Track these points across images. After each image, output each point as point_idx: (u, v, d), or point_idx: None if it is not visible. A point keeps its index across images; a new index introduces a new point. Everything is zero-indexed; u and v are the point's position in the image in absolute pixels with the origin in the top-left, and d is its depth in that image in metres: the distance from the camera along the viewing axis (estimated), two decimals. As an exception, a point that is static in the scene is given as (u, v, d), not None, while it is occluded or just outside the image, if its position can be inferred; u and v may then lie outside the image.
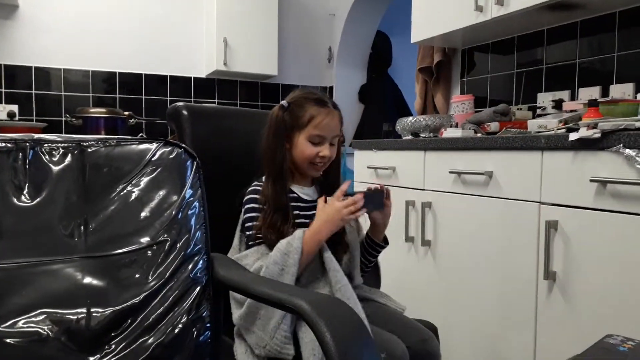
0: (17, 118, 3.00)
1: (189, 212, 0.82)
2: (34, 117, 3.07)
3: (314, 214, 1.26)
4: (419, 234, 1.97)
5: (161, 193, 0.82)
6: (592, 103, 1.62)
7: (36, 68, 3.09)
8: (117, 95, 3.30)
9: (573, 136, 1.35)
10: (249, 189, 1.26)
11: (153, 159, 0.83)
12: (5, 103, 3.03)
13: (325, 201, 1.21)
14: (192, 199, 0.84)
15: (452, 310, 1.84)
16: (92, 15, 3.21)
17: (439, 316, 1.82)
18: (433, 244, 1.93)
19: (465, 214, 1.78)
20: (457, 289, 1.82)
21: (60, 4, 3.13)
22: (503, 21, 2.08)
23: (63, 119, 3.11)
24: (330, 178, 1.33)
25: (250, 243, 1.20)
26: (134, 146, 0.83)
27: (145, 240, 0.78)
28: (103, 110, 2.85)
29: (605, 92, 1.99)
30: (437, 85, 2.77)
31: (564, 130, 1.44)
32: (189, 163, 0.85)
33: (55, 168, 0.77)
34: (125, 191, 0.80)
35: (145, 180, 0.82)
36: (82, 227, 0.76)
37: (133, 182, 0.81)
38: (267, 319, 1.05)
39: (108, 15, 3.26)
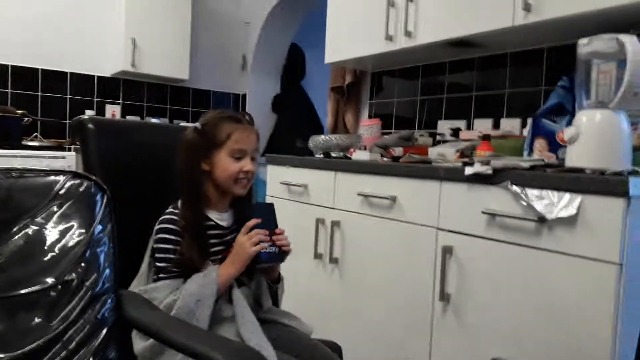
0: None
1: (98, 249, 0.79)
2: None
3: (229, 241, 1.26)
4: (327, 251, 2.03)
5: (68, 229, 0.78)
6: (485, 137, 1.78)
7: None
8: (9, 91, 3.02)
9: (468, 170, 1.48)
10: (163, 217, 1.23)
11: (60, 192, 0.79)
12: None
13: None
14: (101, 234, 0.81)
15: (355, 328, 1.92)
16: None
17: (343, 333, 1.89)
18: (340, 261, 2.00)
19: (371, 234, 1.87)
20: (361, 306, 1.90)
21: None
22: (410, 51, 2.21)
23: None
24: (243, 200, 1.34)
25: (162, 275, 1.18)
26: (39, 178, 0.79)
27: (49, 280, 0.74)
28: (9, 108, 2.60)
29: (496, 124, 2.19)
30: (348, 104, 2.88)
31: (460, 164, 1.57)
32: (99, 197, 0.82)
33: (-53, 202, 0.71)
34: (28, 227, 0.75)
35: (50, 215, 0.77)
36: (-23, 267, 0.70)
37: (37, 218, 0.76)
38: (174, 353, 1.04)
39: (3, 2, 2.98)
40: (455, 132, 2.31)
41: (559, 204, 1.29)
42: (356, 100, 2.88)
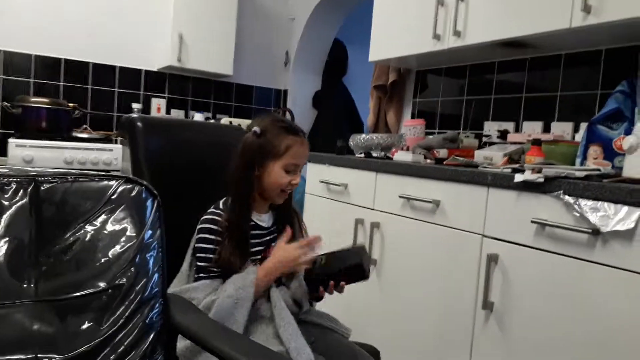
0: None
1: (147, 254, 0.81)
2: (-34, 101, 2.87)
3: (269, 241, 1.27)
4: (366, 254, 2.01)
5: (120, 234, 0.80)
6: (536, 142, 1.71)
7: (-29, 48, 2.88)
8: (61, 83, 3.13)
9: (518, 178, 1.43)
10: (206, 217, 1.24)
11: (113, 197, 0.80)
12: None
13: (292, 239, 1.23)
14: (151, 240, 0.82)
15: (394, 332, 1.90)
16: (38, -4, 3.03)
17: (382, 338, 1.87)
18: (379, 263, 1.98)
19: (412, 238, 1.83)
20: (400, 311, 1.88)
21: (3, -19, 2.93)
22: (458, 51, 2.16)
23: (0, 104, 2.92)
24: (284, 202, 1.34)
25: (202, 275, 1.19)
26: (93, 183, 0.81)
27: (101, 284, 0.76)
28: (45, 100, 2.70)
29: (547, 128, 2.11)
30: (390, 103, 2.83)
31: (509, 170, 1.52)
32: (149, 202, 0.83)
33: (7, 205, 0.73)
34: (81, 231, 0.77)
35: (103, 220, 0.79)
36: (34, 270, 0.72)
37: (90, 222, 0.78)
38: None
39: (56, -2, 3.08)
40: (503, 134, 2.24)
41: (615, 216, 1.23)
42: (399, 99, 2.83)
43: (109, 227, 0.80)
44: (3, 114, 2.92)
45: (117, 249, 0.79)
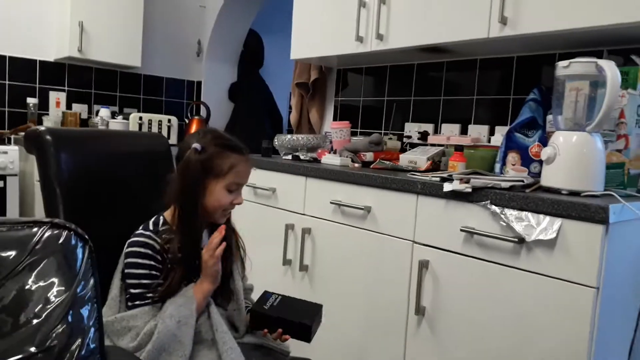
0: None
1: (81, 309, 0.71)
2: None
3: None
4: (297, 258, 1.99)
5: (48, 289, 0.69)
6: (458, 148, 1.78)
7: None
8: (-62, 75, 2.74)
9: (447, 187, 1.47)
10: (135, 239, 1.16)
11: (37, 247, 0.70)
12: None
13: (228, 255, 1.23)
14: (84, 291, 0.73)
15: (327, 340, 1.90)
16: None
17: (315, 347, 1.86)
18: (311, 269, 1.97)
19: (345, 244, 1.84)
20: (333, 317, 1.88)
21: None
22: (380, 53, 2.17)
23: None
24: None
25: (137, 302, 1.11)
26: (12, 232, 0.70)
27: (30, 348, 0.65)
28: None
29: (464, 130, 2.20)
30: (313, 101, 2.81)
31: (438, 179, 1.56)
32: (79, 249, 0.74)
33: None
34: (3, 290, 0.66)
35: (27, 274, 0.68)
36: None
37: (11, 279, 0.67)
38: None
39: None
40: (423, 136, 2.31)
41: (538, 226, 1.31)
42: (321, 97, 2.82)
43: (35, 282, 0.69)
44: None
45: (47, 306, 0.69)
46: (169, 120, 3.35)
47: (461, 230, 1.46)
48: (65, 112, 3.16)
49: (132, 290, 1.13)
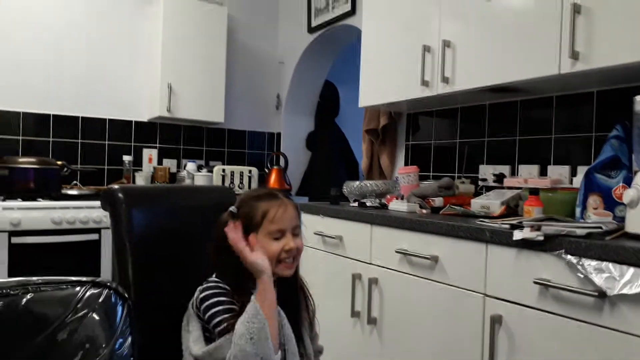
0: None
1: (119, 365, 0.74)
2: (-47, 162, 2.82)
3: None
4: (365, 311, 1.93)
5: (88, 345, 0.73)
6: (534, 192, 1.66)
7: (-41, 109, 2.85)
8: (51, 139, 3.10)
9: (517, 235, 1.37)
10: (208, 285, 1.16)
11: (79, 305, 0.74)
12: None
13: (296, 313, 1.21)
14: (121, 349, 0.76)
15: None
16: (24, 51, 3.02)
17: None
18: (379, 322, 1.90)
19: (413, 296, 1.76)
20: (402, 371, 1.79)
21: (-10, 41, 2.93)
22: (447, 96, 2.13)
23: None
24: (288, 279, 1.23)
25: (227, 336, 1.08)
26: (56, 292, 0.74)
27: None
28: (33, 159, 2.65)
29: (543, 171, 2.06)
30: (383, 146, 2.80)
31: (507, 226, 1.46)
32: (119, 306, 0.77)
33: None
34: (47, 345, 0.71)
35: (69, 331, 0.73)
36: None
37: (56, 335, 0.72)
38: None
39: (44, 53, 3.08)
40: (499, 178, 2.20)
41: (621, 278, 1.16)
42: (391, 142, 2.80)
43: (76, 338, 0.73)
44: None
45: (86, 362, 0.72)
46: (250, 171, 3.49)
47: (535, 282, 1.33)
48: (156, 167, 3.42)
49: (220, 328, 1.09)
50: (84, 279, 0.78)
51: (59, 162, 2.78)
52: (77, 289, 0.76)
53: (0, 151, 2.87)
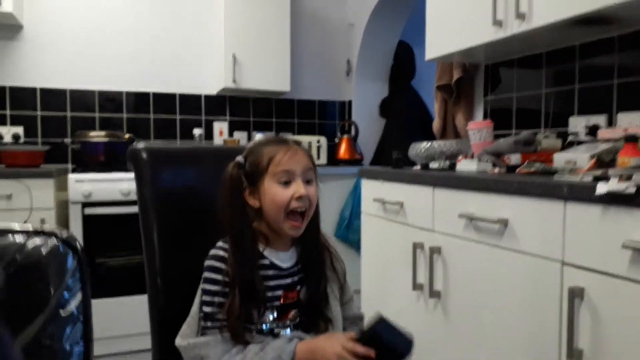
0: (22, 140, 2.93)
1: (67, 327, 0.63)
2: (39, 139, 2.99)
3: (290, 284, 1.06)
4: (427, 283, 1.72)
5: (27, 303, 0.63)
6: (630, 138, 1.34)
7: (42, 89, 3.01)
8: (124, 115, 3.19)
9: (601, 188, 1.09)
10: (212, 253, 1.07)
11: (18, 256, 0.64)
12: (11, 125, 2.96)
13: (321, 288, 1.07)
14: (67, 307, 0.65)
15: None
16: (97, 33, 3.12)
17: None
18: (443, 296, 1.68)
19: (479, 266, 1.52)
20: (469, 353, 1.57)
21: (65, 23, 3.04)
22: (527, 37, 1.81)
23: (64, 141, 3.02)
24: (308, 236, 1.10)
25: (208, 324, 1.01)
26: (-5, 240, 0.65)
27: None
28: (102, 133, 2.73)
29: (649, 118, 1.69)
30: (458, 104, 2.51)
31: (591, 178, 1.18)
32: (69, 259, 0.66)
33: None
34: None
35: (4, 287, 0.63)
36: None
37: (-11, 290, 0.62)
38: None
39: (114, 34, 3.16)
40: (592, 131, 1.84)
41: None
42: (467, 99, 2.50)
43: (12, 294, 0.63)
44: (65, 148, 3.01)
45: (25, 323, 0.62)
46: (318, 141, 3.36)
47: (624, 246, 1.05)
48: (226, 140, 3.39)
49: (205, 309, 1.03)
50: (30, 227, 0.68)
51: (127, 136, 2.84)
52: (19, 238, 0.66)
53: (80, 128, 2.99)
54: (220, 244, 1.08)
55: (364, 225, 2.19)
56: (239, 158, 1.06)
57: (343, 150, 3.43)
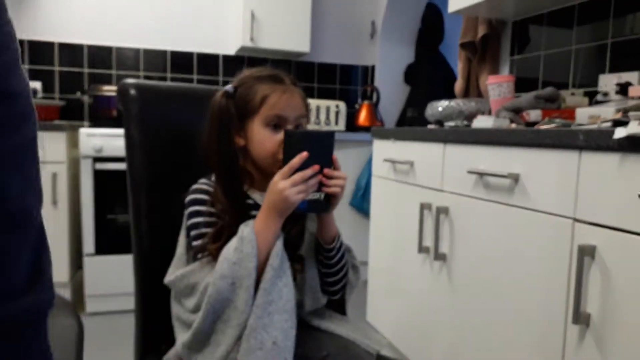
0: (40, 95, 2.93)
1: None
2: (56, 94, 2.99)
3: None
4: (433, 245, 1.62)
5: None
6: (662, 87, 1.20)
7: (60, 44, 2.99)
8: (141, 73, 3.15)
9: (619, 133, 0.96)
10: (193, 187, 1.00)
11: None
12: (30, 79, 2.96)
13: None
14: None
15: (465, 344, 1.50)
16: (116, -12, 3.07)
17: (450, 348, 1.49)
18: (449, 258, 1.59)
19: (487, 225, 1.42)
20: (474, 318, 1.47)
21: (84, -23, 3.01)
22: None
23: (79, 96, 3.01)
24: None
25: (199, 256, 0.95)
26: None
27: None
28: (114, 88, 2.70)
29: (689, 73, 1.52)
30: (482, 63, 2.35)
31: (609, 124, 1.05)
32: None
33: None
34: None
35: None
36: None
37: None
38: (216, 345, 0.87)
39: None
40: (623, 89, 1.68)
41: None
42: (493, 58, 2.34)
43: None
44: (82, 104, 3.00)
45: None
46: (337, 106, 3.25)
47: (643, 198, 0.93)
48: (244, 102, 3.33)
49: (194, 243, 0.96)
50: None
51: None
52: None
53: (97, 84, 2.97)
54: (203, 180, 1.02)
55: (374, 188, 2.10)
56: (229, 87, 0.98)
57: (363, 117, 3.31)
